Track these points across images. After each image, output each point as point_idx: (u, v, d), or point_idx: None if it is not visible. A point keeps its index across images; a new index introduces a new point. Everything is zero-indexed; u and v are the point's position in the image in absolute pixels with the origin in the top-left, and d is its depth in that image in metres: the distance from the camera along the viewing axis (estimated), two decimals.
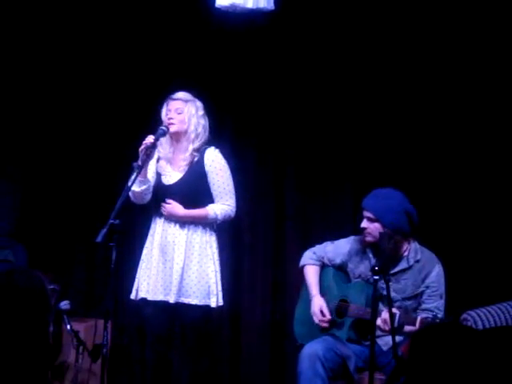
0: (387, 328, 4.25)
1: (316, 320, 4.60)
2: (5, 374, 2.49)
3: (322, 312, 4.59)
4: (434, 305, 4.42)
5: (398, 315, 4.28)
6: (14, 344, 2.54)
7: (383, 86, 5.49)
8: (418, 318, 4.25)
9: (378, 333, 4.32)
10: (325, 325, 4.59)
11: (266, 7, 4.53)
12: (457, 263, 5.11)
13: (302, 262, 4.78)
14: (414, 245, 4.54)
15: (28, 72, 5.81)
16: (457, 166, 5.37)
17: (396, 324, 4.22)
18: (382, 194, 4.49)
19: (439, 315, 4.36)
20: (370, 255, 4.55)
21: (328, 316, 4.58)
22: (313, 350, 4.41)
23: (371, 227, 4.45)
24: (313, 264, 4.73)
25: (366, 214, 4.46)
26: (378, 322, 4.26)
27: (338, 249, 4.68)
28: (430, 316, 4.26)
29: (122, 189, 4.41)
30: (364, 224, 4.47)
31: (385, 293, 4.23)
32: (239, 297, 5.57)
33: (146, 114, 5.10)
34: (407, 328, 4.31)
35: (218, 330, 5.29)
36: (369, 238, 4.48)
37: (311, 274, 4.72)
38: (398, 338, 4.20)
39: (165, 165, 4.80)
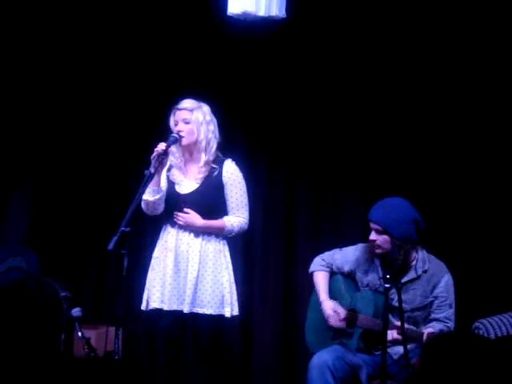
0: (396, 336, 4.23)
1: (333, 322, 4.55)
2: (17, 381, 2.49)
3: (336, 312, 4.56)
4: (444, 315, 4.40)
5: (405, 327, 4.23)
6: (26, 351, 2.54)
7: (394, 93, 5.51)
8: (425, 333, 4.21)
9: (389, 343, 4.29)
10: (343, 323, 4.53)
11: (278, 15, 4.54)
12: (467, 271, 5.10)
13: (311, 269, 4.76)
14: (422, 254, 4.51)
15: (41, 83, 5.84)
16: (467, 172, 5.38)
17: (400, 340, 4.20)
18: (388, 205, 4.44)
19: (448, 325, 4.34)
20: (378, 264, 4.53)
21: (342, 314, 4.54)
22: (322, 359, 4.39)
23: (380, 239, 4.41)
24: (322, 270, 4.72)
25: (374, 226, 4.42)
26: (389, 337, 4.23)
27: (346, 256, 4.66)
28: (437, 329, 4.21)
29: (133, 196, 4.41)
30: (373, 236, 4.43)
31: (393, 303, 4.21)
32: (250, 307, 5.56)
33: (158, 121, 5.10)
34: (417, 341, 4.27)
35: (232, 340, 5.27)
36: (378, 251, 4.45)
37: (321, 280, 4.70)
38: (408, 347, 4.18)
39: (178, 173, 4.77)
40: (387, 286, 4.11)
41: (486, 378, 2.69)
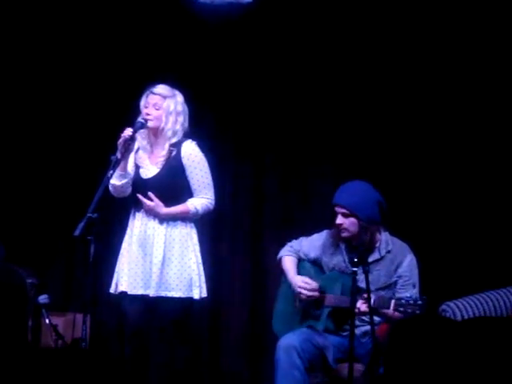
0: (364, 308, 4.25)
1: (304, 292, 4.56)
2: None
3: (306, 283, 4.58)
4: (407, 294, 4.39)
5: (373, 299, 4.28)
6: None
7: (361, 74, 5.52)
8: (392, 301, 4.25)
9: (356, 323, 4.32)
10: (316, 293, 4.56)
11: (244, 0, 4.53)
12: (433, 253, 5.14)
13: (279, 255, 4.80)
14: (385, 235, 4.57)
15: (8, 62, 5.79)
16: (432, 152, 5.40)
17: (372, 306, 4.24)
18: (352, 188, 4.48)
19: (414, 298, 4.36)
20: (343, 248, 4.57)
21: (314, 284, 4.56)
22: (289, 341, 4.42)
23: (347, 222, 4.45)
24: (289, 255, 4.76)
25: (340, 210, 4.46)
26: (356, 309, 4.26)
27: (312, 243, 4.71)
28: (404, 299, 4.24)
29: (100, 182, 4.38)
30: (339, 220, 4.46)
31: (359, 284, 4.25)
32: (219, 289, 5.56)
33: (125, 107, 5.08)
34: (383, 311, 4.32)
35: (199, 322, 5.28)
36: (345, 234, 4.48)
37: (288, 263, 4.74)
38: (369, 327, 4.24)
39: (144, 157, 4.77)
40: (355, 269, 4.15)
41: (452, 358, 2.72)
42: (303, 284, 4.58)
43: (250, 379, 5.45)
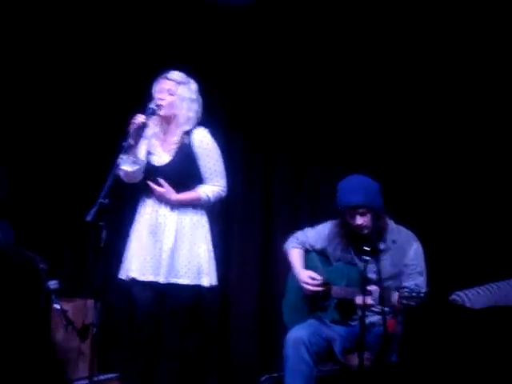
0: (368, 302, 4.26)
1: (309, 288, 4.59)
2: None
3: (312, 278, 4.60)
4: (414, 282, 4.42)
5: (377, 292, 4.28)
6: (7, 320, 2.53)
7: (368, 65, 5.51)
8: (396, 293, 4.25)
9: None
10: (320, 288, 4.58)
11: None
12: (441, 242, 5.14)
13: (285, 247, 4.82)
14: (391, 224, 4.58)
15: (17, 53, 5.80)
16: (439, 138, 5.39)
17: (377, 300, 4.24)
18: (358, 185, 4.47)
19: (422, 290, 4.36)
20: (349, 238, 4.57)
21: (319, 278, 4.59)
22: (297, 335, 4.44)
23: (366, 220, 4.46)
24: (296, 248, 4.77)
25: (359, 210, 4.44)
26: (360, 299, 4.26)
27: (318, 234, 4.73)
28: (407, 290, 4.25)
29: (111, 168, 4.39)
30: (359, 221, 4.46)
31: (366, 275, 4.25)
32: (229, 277, 5.57)
33: (137, 92, 5.07)
34: (388, 303, 4.31)
35: (210, 308, 5.29)
36: (366, 231, 4.48)
37: (295, 256, 4.75)
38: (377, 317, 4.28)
39: (156, 144, 4.77)
40: (367, 258, 4.16)
41: (465, 348, 2.72)
42: (308, 280, 4.61)
43: (260, 365, 5.47)
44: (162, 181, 4.65)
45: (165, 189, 4.64)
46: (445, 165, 5.35)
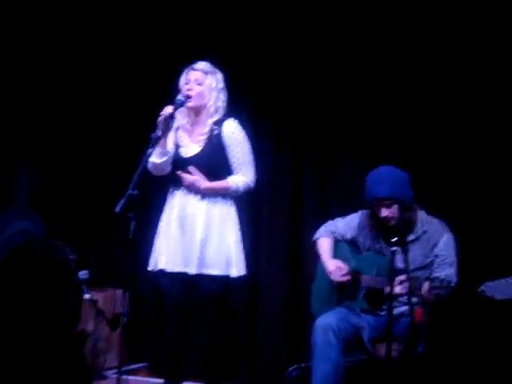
0: (398, 291, 4.25)
1: (336, 277, 4.59)
2: (27, 342, 2.50)
3: (339, 267, 4.59)
4: (444, 273, 4.39)
5: (407, 282, 4.26)
6: (38, 312, 2.56)
7: (402, 61, 5.46)
8: (426, 283, 4.24)
9: (393, 303, 4.31)
10: (348, 277, 4.58)
11: None
12: (473, 233, 5.08)
13: (315, 237, 4.81)
14: (421, 214, 4.55)
15: (43, 54, 5.84)
16: (470, 131, 5.33)
17: (407, 290, 4.24)
18: (385, 177, 4.44)
19: (452, 281, 4.33)
20: (379, 228, 4.55)
21: (346, 268, 4.58)
22: (326, 321, 4.43)
23: (392, 211, 4.44)
24: (325, 237, 4.76)
25: (385, 202, 4.43)
26: (389, 289, 4.25)
27: (348, 224, 4.71)
28: (437, 281, 4.24)
29: (140, 160, 4.41)
30: (384, 213, 4.44)
31: (396, 265, 4.23)
32: (257, 268, 5.57)
33: (164, 84, 5.09)
34: (417, 293, 4.29)
35: (237, 299, 5.29)
36: (393, 222, 4.46)
37: (324, 245, 4.74)
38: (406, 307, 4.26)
39: (184, 135, 4.78)
40: (394, 249, 4.14)
41: (492, 339, 2.71)
42: (335, 269, 4.59)
43: (288, 355, 5.47)
44: (192, 168, 4.64)
45: (195, 176, 4.63)
46: (479, 156, 5.29)
